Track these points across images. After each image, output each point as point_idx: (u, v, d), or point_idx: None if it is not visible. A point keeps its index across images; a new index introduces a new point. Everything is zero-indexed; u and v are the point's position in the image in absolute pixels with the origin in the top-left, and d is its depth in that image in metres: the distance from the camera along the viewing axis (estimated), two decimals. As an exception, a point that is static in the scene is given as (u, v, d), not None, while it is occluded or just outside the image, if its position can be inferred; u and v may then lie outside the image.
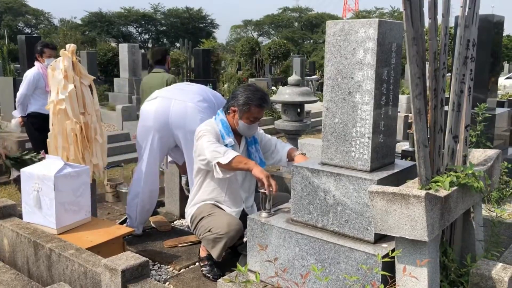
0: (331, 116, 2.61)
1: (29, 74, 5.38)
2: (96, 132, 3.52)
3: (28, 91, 5.32)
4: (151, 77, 5.26)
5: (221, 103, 3.96)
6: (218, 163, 3.05)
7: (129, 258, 2.39)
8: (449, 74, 2.52)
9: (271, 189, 2.90)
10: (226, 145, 3.23)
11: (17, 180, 3.71)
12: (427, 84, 2.27)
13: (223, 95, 13.11)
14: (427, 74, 2.26)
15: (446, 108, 2.38)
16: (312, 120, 10.03)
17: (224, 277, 2.77)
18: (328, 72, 2.59)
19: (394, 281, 2.15)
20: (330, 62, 2.57)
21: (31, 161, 3.74)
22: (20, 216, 3.21)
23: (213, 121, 3.37)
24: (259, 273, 2.32)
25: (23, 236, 2.91)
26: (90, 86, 3.57)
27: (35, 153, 3.88)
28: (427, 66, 2.25)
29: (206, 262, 3.34)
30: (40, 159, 3.78)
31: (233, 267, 3.14)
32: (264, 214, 2.82)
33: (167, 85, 4.64)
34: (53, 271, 2.73)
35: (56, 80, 3.39)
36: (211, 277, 3.28)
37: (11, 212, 3.17)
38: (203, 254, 3.39)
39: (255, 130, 3.46)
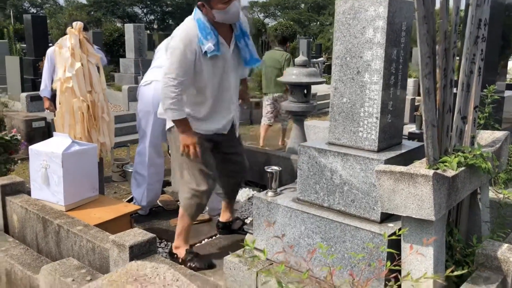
0: (339, 95, 2.60)
1: (47, 53, 5.35)
2: (103, 111, 3.53)
3: (48, 70, 5.28)
4: (273, 52, 7.04)
5: None
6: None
7: (137, 235, 2.41)
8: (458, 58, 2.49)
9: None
10: (205, 52, 2.92)
11: None
12: (437, 63, 2.25)
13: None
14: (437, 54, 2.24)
15: (455, 90, 2.36)
16: (318, 102, 9.99)
17: (232, 253, 2.80)
18: (337, 51, 2.57)
19: (400, 260, 2.16)
20: (339, 41, 2.55)
21: (3, 140, 3.70)
22: (29, 193, 3.24)
23: (191, 24, 2.96)
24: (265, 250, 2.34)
25: (32, 212, 2.94)
26: (97, 65, 3.56)
27: (5, 132, 3.85)
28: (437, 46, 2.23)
29: (189, 257, 3.17)
30: (11, 137, 3.76)
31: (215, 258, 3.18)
32: (270, 193, 2.83)
33: (284, 61, 6.64)
34: (62, 246, 2.76)
35: (63, 58, 3.39)
36: (203, 266, 3.13)
37: (20, 188, 3.20)
38: (181, 252, 3.21)
39: (235, 12, 2.98)
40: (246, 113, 9.51)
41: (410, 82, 11.18)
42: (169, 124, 3.17)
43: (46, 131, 6.60)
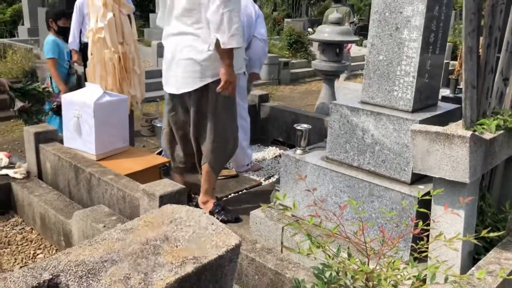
0: (375, 53, 2.52)
1: (76, 4, 5.31)
2: (134, 63, 3.52)
3: (77, 21, 5.25)
4: (331, 9, 7.68)
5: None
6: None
7: (167, 185, 2.45)
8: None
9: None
10: None
11: (21, 111, 3.73)
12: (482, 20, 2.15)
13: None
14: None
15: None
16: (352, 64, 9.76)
17: (258, 208, 2.82)
18: (375, 5, 2.48)
19: (429, 221, 2.14)
20: (379, -5, 2.45)
21: (35, 91, 3.75)
22: (61, 142, 3.30)
23: None
24: (290, 207, 2.35)
25: (64, 160, 3.00)
26: (128, 16, 3.53)
27: (38, 83, 3.88)
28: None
29: (217, 209, 3.16)
30: (43, 89, 3.79)
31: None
32: (299, 151, 2.81)
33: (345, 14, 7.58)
34: (93, 194, 2.83)
35: (95, 7, 3.37)
36: (230, 219, 3.15)
37: (53, 137, 3.27)
38: (209, 205, 3.20)
39: None
40: (274, 73, 9.40)
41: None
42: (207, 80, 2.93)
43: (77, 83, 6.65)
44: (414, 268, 1.55)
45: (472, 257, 2.22)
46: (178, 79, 2.92)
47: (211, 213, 3.12)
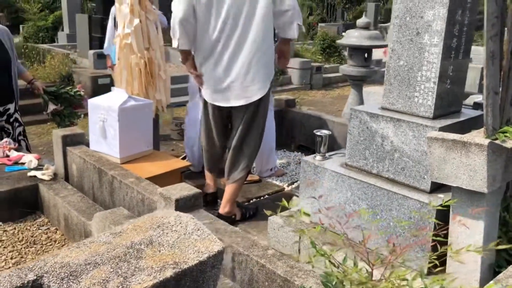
0: (396, 58, 2.47)
1: (111, 11, 5.45)
2: (159, 68, 3.59)
3: (112, 28, 5.39)
4: None
5: None
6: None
7: (184, 189, 2.47)
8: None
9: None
10: None
11: (54, 114, 3.86)
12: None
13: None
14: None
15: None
16: (382, 69, 9.62)
17: (276, 214, 2.80)
18: (396, 10, 2.44)
19: (443, 230, 2.07)
20: (399, -1, 2.41)
21: (68, 95, 3.86)
22: (88, 145, 3.39)
23: None
24: (307, 212, 2.34)
25: (89, 162, 3.09)
26: (155, 22, 3.60)
27: (71, 87, 4.00)
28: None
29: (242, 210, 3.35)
30: (75, 93, 3.90)
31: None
32: (318, 157, 2.79)
33: None
34: (115, 196, 2.89)
35: (123, 14, 3.45)
36: (251, 213, 3.34)
37: (80, 140, 3.36)
38: (238, 214, 3.30)
39: None
40: (306, 78, 9.37)
41: (481, 50, 10.49)
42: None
43: (111, 88, 6.84)
44: (425, 280, 1.51)
45: (493, 270, 2.13)
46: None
47: (229, 219, 3.13)
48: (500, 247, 1.41)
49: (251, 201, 3.61)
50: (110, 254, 0.90)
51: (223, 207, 3.23)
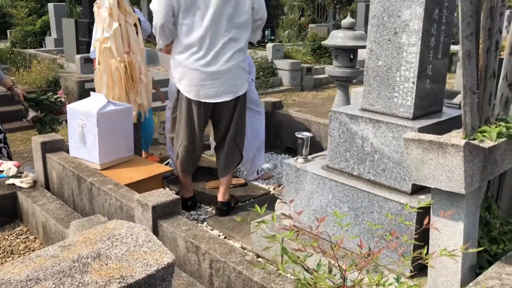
0: (375, 58, 2.44)
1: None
2: (140, 72, 3.54)
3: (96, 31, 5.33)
4: None
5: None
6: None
7: (161, 195, 2.43)
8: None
9: None
10: None
11: (34, 121, 3.80)
12: (481, 23, 2.05)
13: (280, 41, 12.66)
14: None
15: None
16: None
17: (259, 219, 2.77)
18: (373, 9, 2.41)
19: (417, 233, 2.04)
20: (376, -2, 2.38)
21: (48, 101, 3.80)
22: (68, 151, 3.34)
23: None
24: (276, 216, 2.31)
25: (68, 169, 3.03)
26: (135, 25, 3.55)
27: (51, 93, 3.94)
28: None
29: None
30: (55, 99, 3.85)
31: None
32: (300, 159, 2.75)
33: None
34: (94, 204, 2.84)
35: (102, 18, 3.40)
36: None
37: (59, 146, 3.31)
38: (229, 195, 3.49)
39: None
40: (296, 79, 9.34)
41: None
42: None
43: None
44: (400, 285, 1.47)
45: (475, 271, 2.10)
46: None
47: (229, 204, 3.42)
48: (472, 250, 1.38)
49: (238, 205, 3.57)
50: (54, 269, 0.85)
51: (223, 196, 3.40)
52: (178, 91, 3.25)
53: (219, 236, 3.02)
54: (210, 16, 3.03)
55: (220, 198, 3.39)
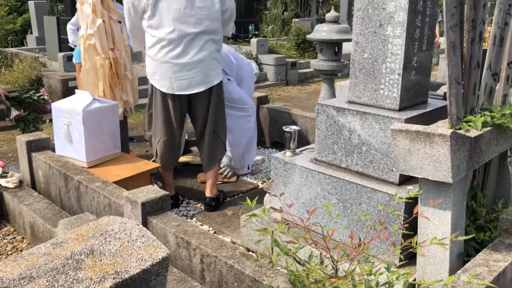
0: (360, 51, 2.46)
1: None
2: (126, 68, 3.51)
3: (75, 21, 5.28)
4: None
5: (242, 66, 4.01)
6: None
7: (150, 192, 2.42)
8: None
9: None
10: None
11: (17, 120, 3.75)
12: (465, 14, 2.08)
13: (264, 36, 12.63)
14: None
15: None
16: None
17: (248, 213, 2.77)
18: (358, 2, 2.42)
19: (407, 223, 2.07)
20: (361, -9, 2.39)
21: (31, 99, 3.75)
22: (54, 150, 3.30)
23: None
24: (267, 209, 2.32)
25: (55, 168, 3.00)
26: (120, 22, 3.52)
27: (33, 91, 3.89)
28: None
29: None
30: (38, 97, 3.80)
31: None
32: (288, 153, 2.76)
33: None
34: (82, 202, 2.82)
35: (85, 14, 3.37)
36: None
37: (45, 145, 3.27)
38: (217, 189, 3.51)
39: None
40: (281, 74, 9.34)
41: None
42: None
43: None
44: (391, 274, 1.49)
45: (463, 259, 2.14)
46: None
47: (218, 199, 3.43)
48: (461, 238, 1.40)
49: (225, 200, 3.57)
50: (47, 267, 0.85)
51: (211, 191, 3.40)
52: (152, 86, 3.23)
53: (208, 231, 3.02)
54: (177, 9, 3.02)
55: (207, 193, 3.38)
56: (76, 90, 3.29)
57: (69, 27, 5.41)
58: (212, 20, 3.13)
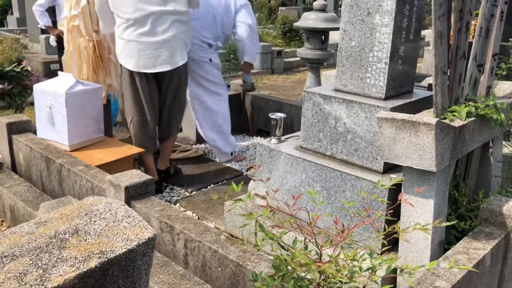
0: (348, 39, 2.45)
1: None
2: (109, 51, 3.45)
3: (44, 1, 5.17)
4: None
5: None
6: None
7: (134, 176, 2.40)
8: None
9: None
10: None
11: (2, 94, 3.70)
12: (453, 4, 2.09)
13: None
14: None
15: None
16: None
17: (232, 199, 2.77)
18: (347, -10, 2.41)
19: (391, 210, 2.09)
20: (350, -22, 2.38)
21: (14, 72, 3.70)
22: (36, 133, 3.25)
23: None
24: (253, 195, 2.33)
25: (36, 151, 2.95)
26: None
27: (15, 64, 3.83)
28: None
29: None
30: (22, 69, 3.74)
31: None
32: (273, 140, 2.76)
33: None
34: (64, 185, 2.78)
35: (69, -5, 3.29)
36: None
37: (26, 127, 3.21)
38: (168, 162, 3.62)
39: None
40: (267, 62, 9.31)
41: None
42: None
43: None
44: (373, 259, 1.50)
45: (444, 247, 2.17)
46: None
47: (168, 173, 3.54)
48: (444, 224, 1.42)
49: (208, 187, 3.56)
50: (30, 245, 0.83)
51: (163, 163, 3.55)
52: (121, 66, 3.24)
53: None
54: None
55: (159, 165, 3.52)
56: (59, 72, 3.23)
57: (36, 8, 5.29)
58: (178, 0, 3.14)
